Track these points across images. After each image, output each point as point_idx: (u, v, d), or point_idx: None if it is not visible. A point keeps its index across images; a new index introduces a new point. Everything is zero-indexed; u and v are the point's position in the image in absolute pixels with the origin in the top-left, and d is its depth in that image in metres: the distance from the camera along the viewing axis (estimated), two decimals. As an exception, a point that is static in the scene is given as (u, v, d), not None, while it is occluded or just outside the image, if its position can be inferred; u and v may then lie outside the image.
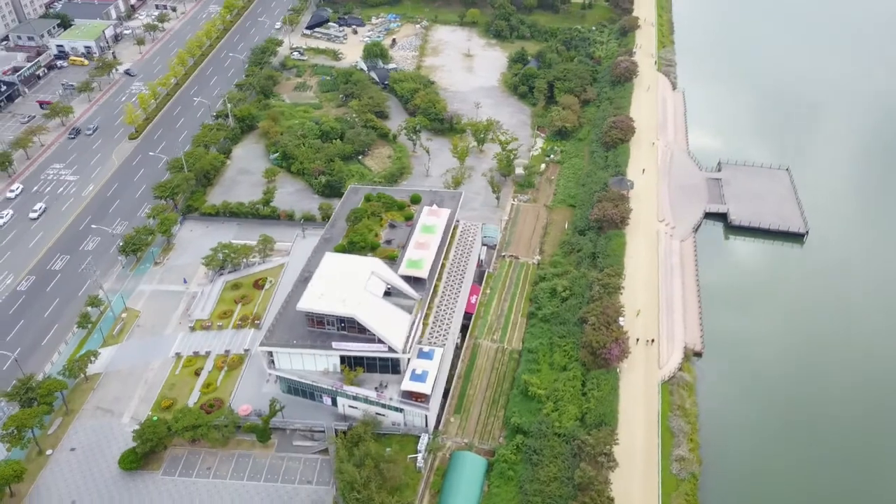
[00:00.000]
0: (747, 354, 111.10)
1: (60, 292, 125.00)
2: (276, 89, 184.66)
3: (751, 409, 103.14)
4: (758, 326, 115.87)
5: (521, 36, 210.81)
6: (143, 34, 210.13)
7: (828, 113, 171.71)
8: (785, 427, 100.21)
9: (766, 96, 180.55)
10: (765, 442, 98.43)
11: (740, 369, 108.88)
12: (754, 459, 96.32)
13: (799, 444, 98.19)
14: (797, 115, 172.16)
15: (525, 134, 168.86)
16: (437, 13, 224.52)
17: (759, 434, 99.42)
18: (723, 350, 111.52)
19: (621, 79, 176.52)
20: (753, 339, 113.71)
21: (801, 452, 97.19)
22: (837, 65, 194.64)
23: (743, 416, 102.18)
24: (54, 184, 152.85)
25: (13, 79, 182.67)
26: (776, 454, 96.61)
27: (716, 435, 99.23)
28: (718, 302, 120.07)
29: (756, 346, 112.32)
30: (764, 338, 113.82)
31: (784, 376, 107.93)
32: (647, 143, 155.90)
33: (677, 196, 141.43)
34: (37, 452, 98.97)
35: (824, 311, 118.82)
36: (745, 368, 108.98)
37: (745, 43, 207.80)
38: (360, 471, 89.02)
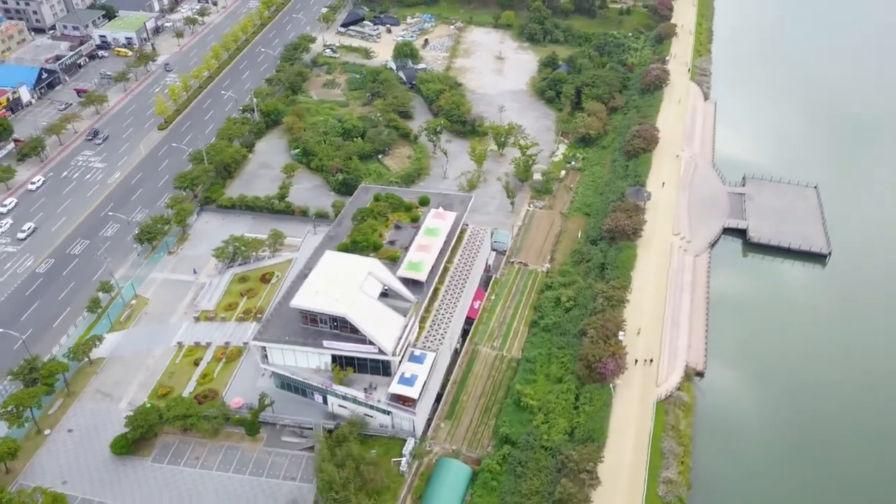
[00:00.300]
0: (753, 378, 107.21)
1: (76, 276, 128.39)
2: (306, 86, 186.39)
3: (750, 435, 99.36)
4: (767, 349, 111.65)
5: (554, 40, 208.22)
6: (183, 27, 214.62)
7: (865, 131, 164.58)
8: (785, 460, 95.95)
9: (802, 111, 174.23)
10: (762, 471, 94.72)
11: (744, 393, 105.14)
12: (748, 488, 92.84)
13: (798, 479, 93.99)
14: (832, 131, 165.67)
15: (549, 139, 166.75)
16: (472, 14, 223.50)
17: (757, 462, 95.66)
18: (727, 371, 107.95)
19: (651, 87, 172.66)
20: (761, 363, 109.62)
21: (799, 486, 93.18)
22: (882, 82, 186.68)
23: (741, 442, 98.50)
24: (83, 170, 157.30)
25: (55, 67, 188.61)
26: (772, 485, 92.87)
27: (709, 459, 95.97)
28: (728, 321, 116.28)
29: (763, 370, 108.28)
30: (772, 362, 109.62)
31: (791, 405, 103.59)
32: (671, 154, 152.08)
33: (696, 209, 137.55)
34: (35, 431, 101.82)
35: (840, 339, 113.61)
36: (748, 392, 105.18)
37: (786, 55, 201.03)
38: (341, 471, 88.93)
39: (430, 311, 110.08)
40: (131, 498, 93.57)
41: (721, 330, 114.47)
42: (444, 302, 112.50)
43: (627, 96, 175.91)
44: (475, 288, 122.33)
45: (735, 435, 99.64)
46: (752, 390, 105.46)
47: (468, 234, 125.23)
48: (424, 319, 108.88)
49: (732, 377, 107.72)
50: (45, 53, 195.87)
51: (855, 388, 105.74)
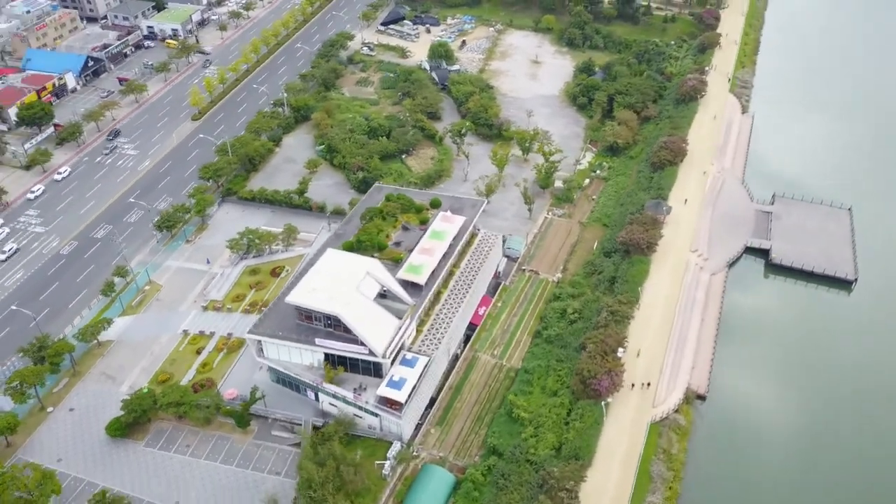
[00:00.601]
0: (759, 406, 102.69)
1: (96, 260, 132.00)
2: (339, 83, 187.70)
3: (749, 466, 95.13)
4: (778, 378, 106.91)
5: (593, 46, 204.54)
6: (227, 20, 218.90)
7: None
8: (782, 494, 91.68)
9: (844, 129, 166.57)
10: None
11: (746, 420, 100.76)
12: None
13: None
14: (875, 153, 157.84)
15: (576, 146, 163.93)
16: (512, 17, 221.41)
17: (752, 495, 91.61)
18: (730, 397, 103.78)
19: (686, 98, 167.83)
20: (770, 391, 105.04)
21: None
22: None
23: (737, 472, 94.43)
24: (115, 156, 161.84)
25: (101, 55, 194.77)
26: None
27: (701, 487, 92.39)
28: (738, 344, 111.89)
29: (772, 400, 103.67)
30: (783, 392, 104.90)
31: (798, 441, 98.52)
32: (698, 168, 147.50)
33: (719, 226, 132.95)
34: (39, 408, 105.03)
35: (860, 374, 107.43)
36: (752, 421, 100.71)
37: (834, 71, 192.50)
38: (320, 470, 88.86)
39: (430, 315, 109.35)
40: (120, 480, 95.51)
41: (730, 353, 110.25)
42: (446, 306, 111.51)
43: (662, 106, 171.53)
44: (481, 294, 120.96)
45: (732, 464, 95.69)
46: (756, 419, 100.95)
47: (478, 240, 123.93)
48: (424, 323, 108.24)
49: (737, 403, 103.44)
50: (94, 42, 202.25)
51: (873, 433, 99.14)
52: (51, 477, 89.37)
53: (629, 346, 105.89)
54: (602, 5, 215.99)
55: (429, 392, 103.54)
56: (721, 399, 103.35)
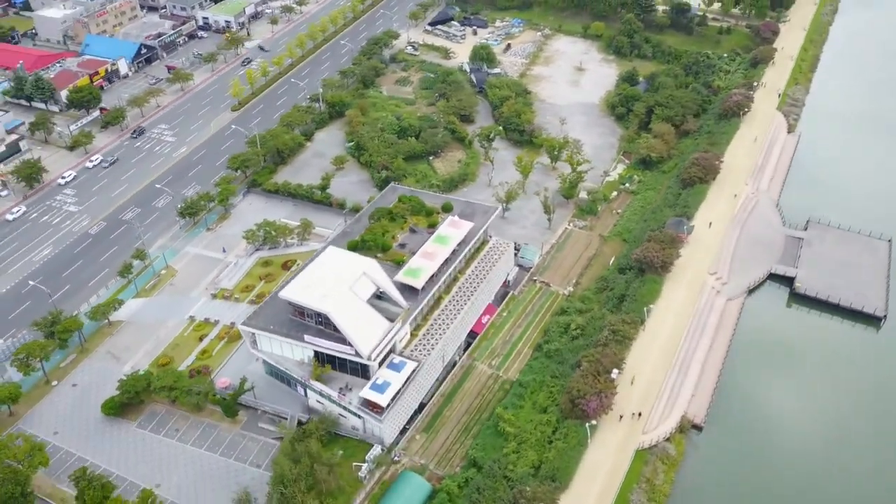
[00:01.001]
0: (759, 441, 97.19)
1: (121, 241, 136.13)
2: (379, 81, 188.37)
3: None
4: (784, 413, 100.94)
5: (641, 55, 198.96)
6: (279, 14, 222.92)
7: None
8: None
9: None
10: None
11: (743, 456, 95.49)
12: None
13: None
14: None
15: (608, 157, 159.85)
16: (562, 22, 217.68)
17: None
18: (730, 430, 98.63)
19: (728, 113, 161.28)
20: (772, 427, 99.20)
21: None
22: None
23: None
24: (154, 142, 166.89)
25: (154, 43, 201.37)
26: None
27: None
28: (746, 375, 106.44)
29: (773, 436, 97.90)
30: (786, 428, 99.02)
31: (795, 479, 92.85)
32: (731, 187, 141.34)
33: (744, 249, 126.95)
34: (44, 381, 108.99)
35: (877, 417, 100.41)
36: (749, 456, 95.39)
37: (894, 94, 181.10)
38: (295, 466, 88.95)
39: (427, 320, 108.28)
40: (108, 458, 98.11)
41: (736, 383, 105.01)
42: (445, 312, 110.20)
43: (703, 121, 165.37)
44: (486, 302, 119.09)
45: (721, 501, 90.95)
46: (755, 456, 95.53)
47: (489, 247, 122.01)
48: (420, 327, 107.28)
49: (736, 437, 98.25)
50: (150, 31, 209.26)
51: (889, 491, 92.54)
52: (40, 449, 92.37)
53: (627, 370, 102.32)
54: (655, 14, 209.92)
55: (416, 398, 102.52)
56: (719, 431, 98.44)
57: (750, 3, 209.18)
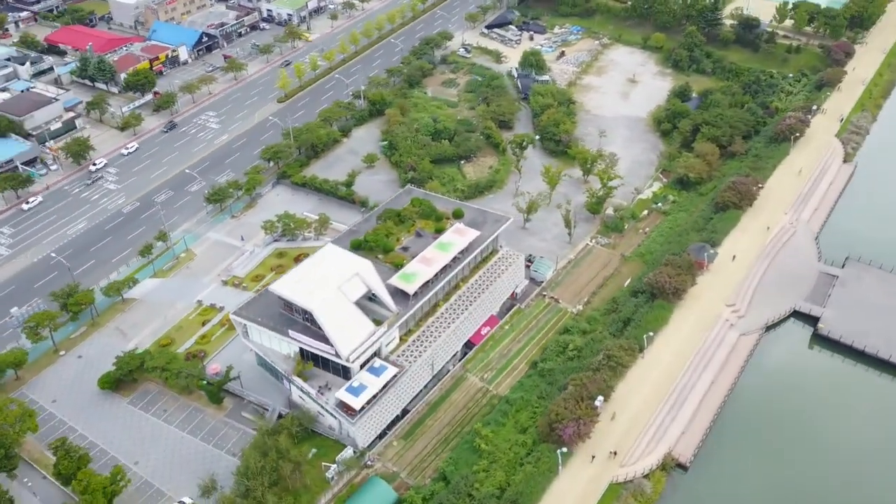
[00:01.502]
0: (749, 490, 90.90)
1: (149, 222, 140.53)
2: (426, 81, 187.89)
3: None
4: (783, 462, 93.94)
5: (700, 70, 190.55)
6: (339, 10, 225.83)
7: None
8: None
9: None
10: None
11: (729, 502, 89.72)
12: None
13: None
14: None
15: (645, 174, 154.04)
16: (622, 32, 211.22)
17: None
18: (718, 474, 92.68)
19: (779, 137, 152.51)
20: (767, 474, 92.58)
21: None
22: None
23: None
24: (199, 128, 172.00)
25: (215, 32, 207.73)
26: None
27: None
28: (748, 417, 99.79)
29: (766, 486, 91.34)
30: (783, 478, 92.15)
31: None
32: (768, 215, 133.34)
33: (769, 283, 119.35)
34: (53, 350, 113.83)
35: (888, 482, 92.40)
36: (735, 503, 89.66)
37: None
38: (261, 460, 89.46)
39: (419, 326, 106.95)
40: (96, 430, 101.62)
41: (735, 424, 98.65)
42: (440, 320, 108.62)
43: (753, 143, 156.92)
44: (489, 313, 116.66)
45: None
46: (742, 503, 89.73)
47: (497, 258, 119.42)
48: (411, 333, 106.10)
49: (724, 482, 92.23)
50: (214, 20, 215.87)
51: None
52: (31, 415, 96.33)
53: (615, 400, 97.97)
54: (721, 28, 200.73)
55: (398, 404, 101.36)
56: (705, 473, 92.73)
57: (824, 22, 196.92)
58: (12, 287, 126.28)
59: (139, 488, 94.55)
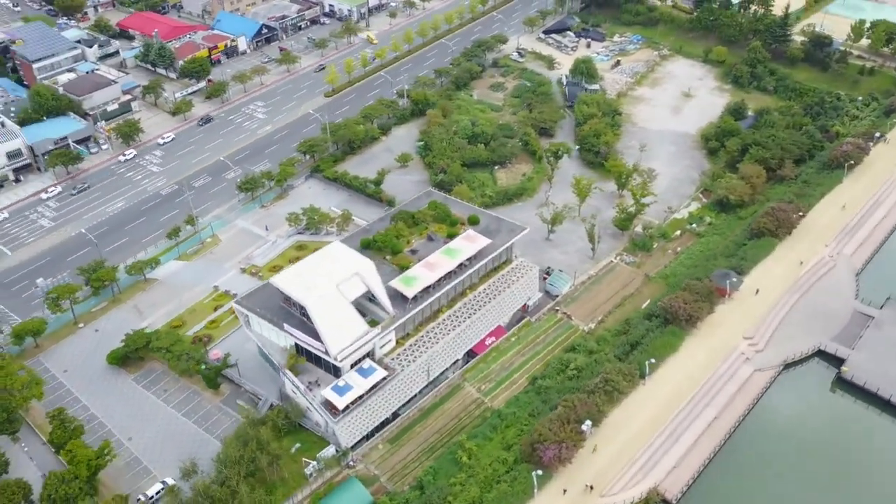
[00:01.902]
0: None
1: (183, 205, 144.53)
2: (474, 84, 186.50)
3: None
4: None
5: (761, 88, 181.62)
6: (399, 8, 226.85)
7: None
8: None
9: None
10: None
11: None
12: None
13: None
14: None
15: (685, 193, 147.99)
16: (683, 44, 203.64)
17: None
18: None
19: (833, 163, 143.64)
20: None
21: None
22: None
23: None
24: (246, 117, 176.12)
25: (275, 24, 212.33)
26: None
27: None
28: (749, 458, 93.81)
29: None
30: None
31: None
32: (809, 244, 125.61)
33: (795, 317, 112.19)
34: (73, 322, 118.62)
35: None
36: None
37: None
38: (240, 449, 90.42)
39: (418, 331, 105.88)
40: (97, 402, 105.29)
41: (733, 464, 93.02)
42: (440, 326, 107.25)
43: (805, 168, 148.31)
44: (495, 323, 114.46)
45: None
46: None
47: (510, 268, 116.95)
48: (409, 337, 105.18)
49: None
50: (276, 12, 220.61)
51: None
52: (37, 383, 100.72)
53: (607, 427, 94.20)
54: (789, 44, 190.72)
55: (387, 407, 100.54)
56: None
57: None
58: (47, 259, 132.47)
59: (128, 464, 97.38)
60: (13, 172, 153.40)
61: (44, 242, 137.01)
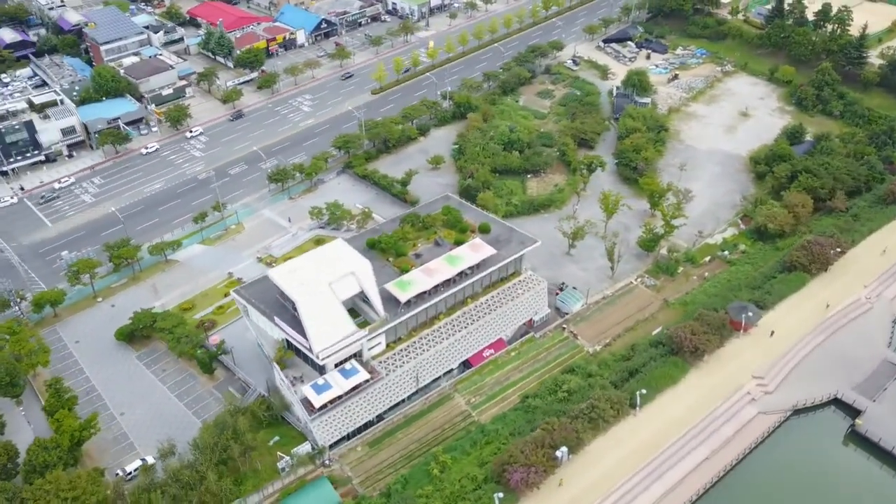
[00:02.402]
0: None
1: (216, 191, 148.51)
2: (522, 89, 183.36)
3: None
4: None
5: (827, 112, 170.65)
6: (461, 10, 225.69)
7: None
8: None
9: None
10: None
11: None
12: None
13: None
14: None
15: (723, 217, 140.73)
16: (749, 60, 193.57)
17: None
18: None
19: (889, 199, 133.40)
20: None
21: None
22: None
23: None
24: (292, 109, 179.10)
25: (335, 20, 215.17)
26: None
27: None
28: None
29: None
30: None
31: None
32: (845, 285, 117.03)
33: (816, 360, 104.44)
34: (93, 296, 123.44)
35: None
36: None
37: None
38: (216, 435, 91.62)
39: (411, 336, 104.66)
40: (99, 375, 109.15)
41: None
42: (435, 333, 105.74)
43: (858, 201, 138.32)
44: (496, 336, 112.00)
45: None
46: None
47: (518, 280, 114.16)
48: (401, 342, 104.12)
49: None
50: (339, 8, 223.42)
51: None
52: (45, 351, 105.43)
53: (589, 453, 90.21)
54: (864, 67, 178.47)
55: (369, 409, 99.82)
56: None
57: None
58: (82, 233, 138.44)
59: (116, 438, 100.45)
60: (67, 148, 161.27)
61: (82, 217, 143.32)
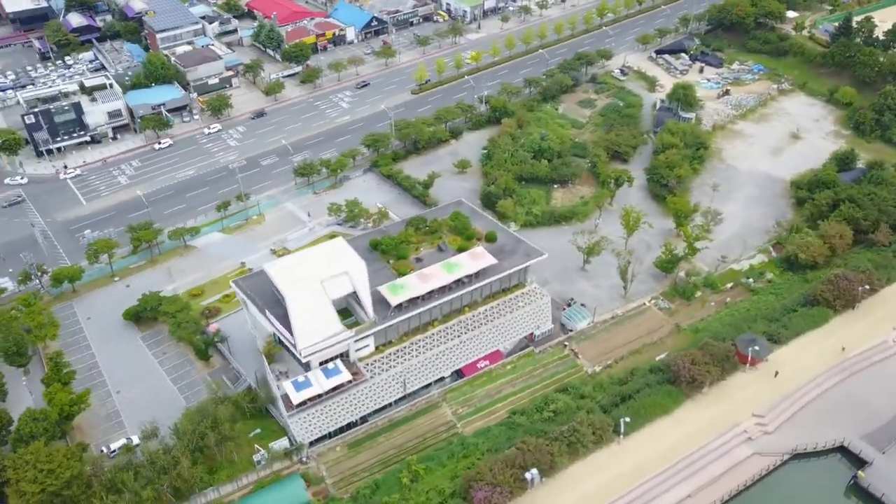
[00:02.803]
0: None
1: (245, 181, 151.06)
2: (564, 97, 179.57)
3: None
4: None
5: (886, 138, 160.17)
6: (513, 13, 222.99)
7: None
8: None
9: None
10: None
11: None
12: None
13: None
14: None
15: (754, 244, 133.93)
16: (809, 79, 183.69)
17: None
18: None
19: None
20: None
21: None
22: None
23: None
24: (331, 105, 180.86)
25: (386, 18, 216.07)
26: None
27: None
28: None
29: None
30: None
31: None
32: (871, 324, 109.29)
33: (826, 403, 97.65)
34: (111, 275, 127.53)
35: None
36: None
37: None
38: (196, 423, 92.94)
39: (402, 340, 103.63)
40: (103, 353, 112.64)
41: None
42: (427, 340, 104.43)
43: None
44: (492, 347, 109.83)
45: None
46: None
47: (520, 292, 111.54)
48: (391, 345, 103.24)
49: None
50: (389, 6, 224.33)
51: None
52: (55, 325, 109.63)
53: (565, 477, 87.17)
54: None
55: (351, 410, 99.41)
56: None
57: None
58: (112, 213, 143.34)
59: (108, 415, 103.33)
60: (112, 130, 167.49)
61: (115, 197, 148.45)
